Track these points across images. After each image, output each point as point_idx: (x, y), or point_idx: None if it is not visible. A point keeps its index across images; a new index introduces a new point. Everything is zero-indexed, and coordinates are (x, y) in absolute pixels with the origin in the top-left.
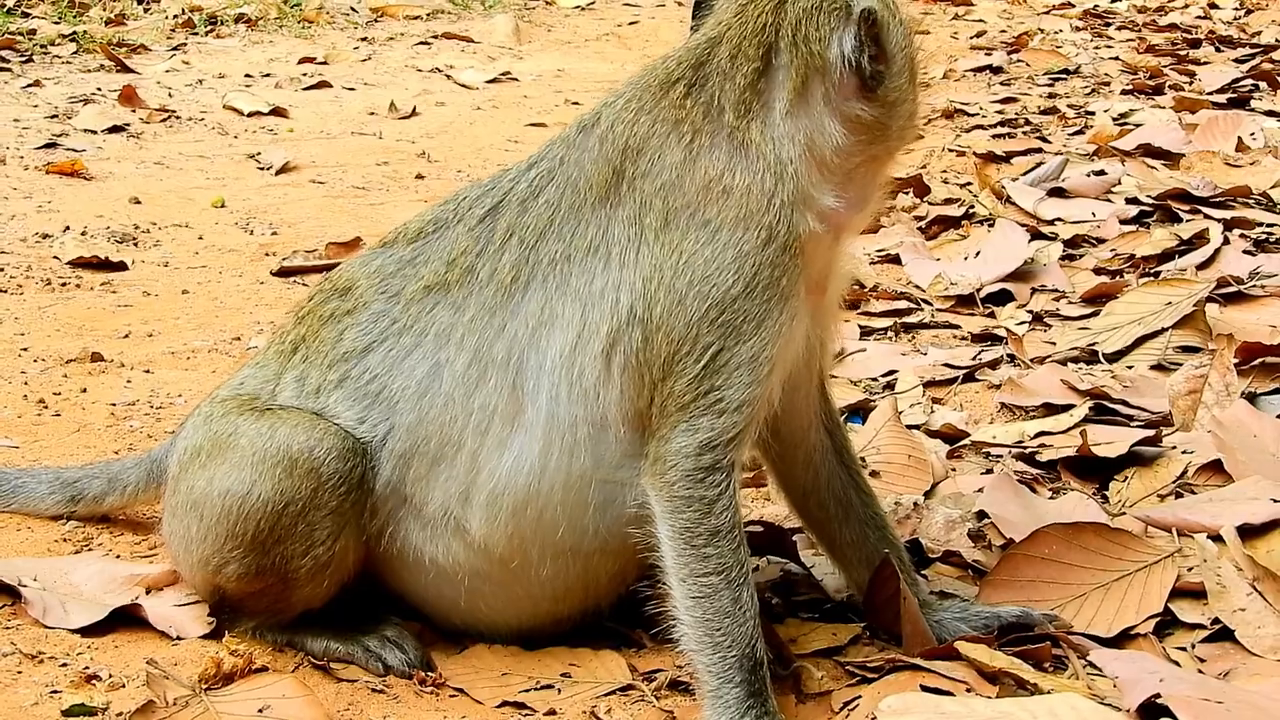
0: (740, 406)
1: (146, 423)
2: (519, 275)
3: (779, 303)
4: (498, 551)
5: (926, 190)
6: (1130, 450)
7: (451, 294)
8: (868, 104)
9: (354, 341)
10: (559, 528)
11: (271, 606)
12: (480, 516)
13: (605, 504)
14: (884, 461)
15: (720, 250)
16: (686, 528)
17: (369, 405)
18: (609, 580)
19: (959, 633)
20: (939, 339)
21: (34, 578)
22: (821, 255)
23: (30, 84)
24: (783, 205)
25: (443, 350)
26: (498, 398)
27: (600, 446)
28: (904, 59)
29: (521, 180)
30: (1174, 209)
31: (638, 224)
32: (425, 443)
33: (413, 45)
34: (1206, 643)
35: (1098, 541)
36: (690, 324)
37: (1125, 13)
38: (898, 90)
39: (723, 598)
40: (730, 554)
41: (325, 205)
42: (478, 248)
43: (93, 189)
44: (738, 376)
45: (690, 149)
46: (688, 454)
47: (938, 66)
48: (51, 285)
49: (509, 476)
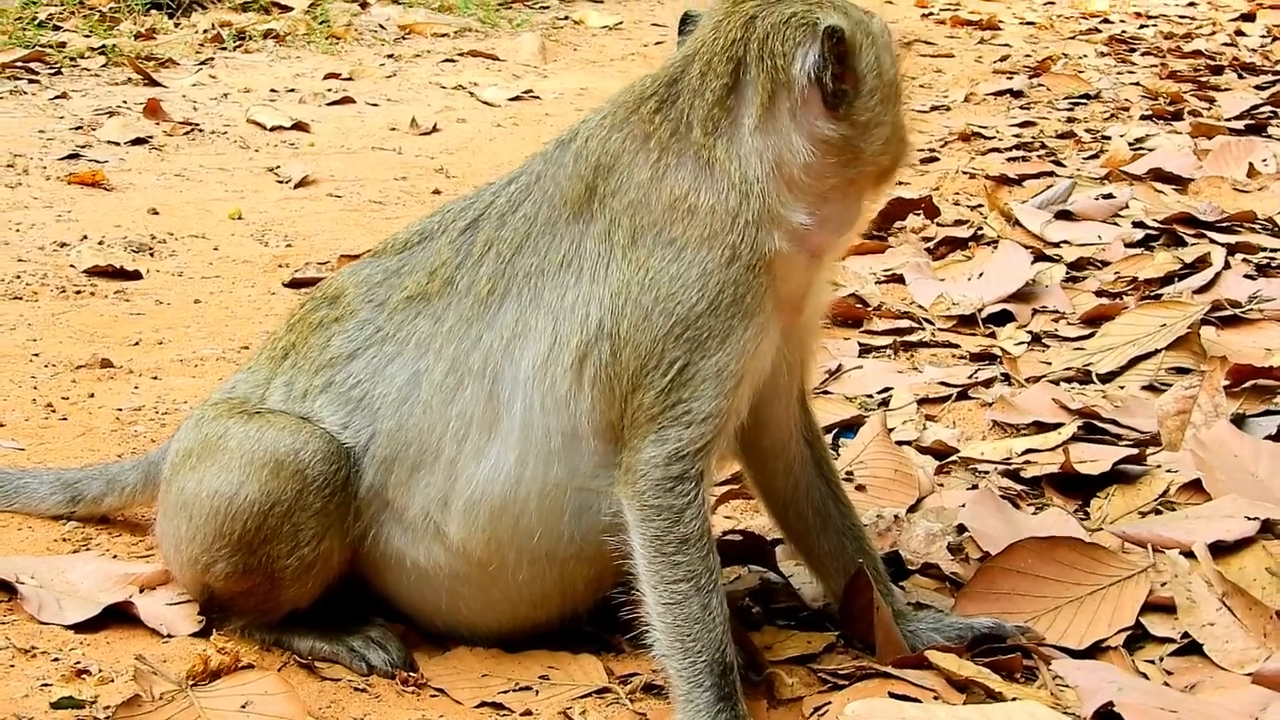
0: (707, 418)
1: (151, 428)
2: (495, 288)
3: (744, 320)
4: (476, 556)
5: (936, 212)
6: (1114, 468)
7: (432, 304)
8: (835, 123)
9: (340, 348)
10: (535, 534)
11: (259, 606)
12: (459, 522)
13: (580, 511)
14: (870, 476)
15: (685, 269)
16: (656, 536)
17: (352, 410)
18: (585, 586)
19: (932, 642)
20: (937, 358)
21: (31, 575)
22: (795, 275)
23: (57, 96)
24: (747, 225)
25: (422, 359)
26: (474, 407)
27: (575, 456)
28: (877, 81)
29: (501, 195)
30: (1179, 233)
31: (608, 240)
32: (405, 448)
33: (438, 63)
34: (1175, 656)
35: (1072, 556)
36: (656, 339)
37: (1151, 38)
38: (869, 111)
39: (692, 604)
40: (699, 561)
41: (341, 219)
42: (457, 259)
43: (112, 199)
44: (704, 389)
45: (657, 167)
46: (657, 464)
47: (959, 90)
48: (66, 293)
49: (486, 484)
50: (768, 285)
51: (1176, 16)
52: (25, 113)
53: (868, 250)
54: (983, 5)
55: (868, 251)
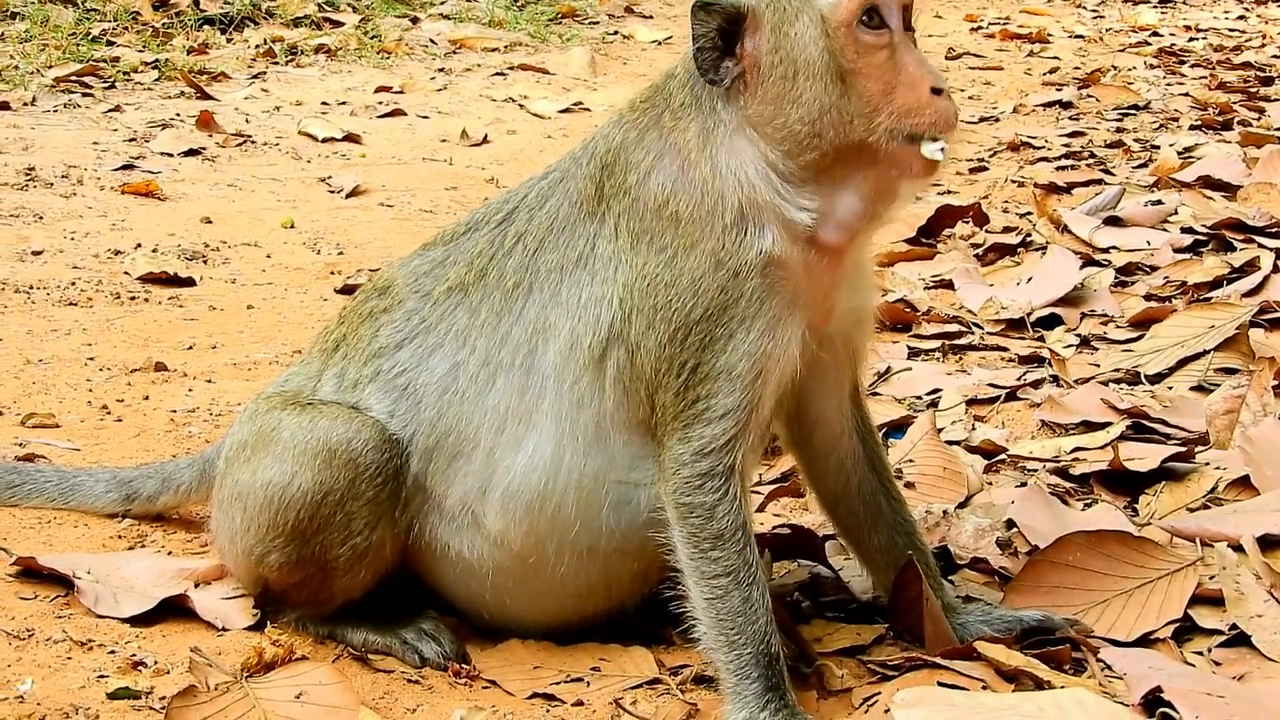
0: (726, 414)
1: (205, 429)
2: (520, 281)
3: (744, 323)
4: (515, 547)
5: (985, 219)
6: (1162, 465)
7: (469, 296)
8: (752, 106)
9: (388, 338)
10: (574, 526)
11: (313, 597)
12: (497, 512)
13: (620, 504)
14: (919, 473)
15: (677, 276)
16: (692, 533)
17: (397, 399)
18: (631, 580)
19: (981, 634)
20: (986, 360)
21: (88, 570)
22: (804, 274)
23: (111, 109)
24: (726, 229)
25: (460, 350)
26: (509, 399)
27: (610, 449)
28: (774, 57)
29: (534, 189)
30: (1228, 238)
31: (614, 241)
32: (445, 437)
33: (489, 76)
34: (1224, 647)
35: (1121, 549)
36: (662, 344)
37: (1201, 51)
38: (778, 88)
39: (733, 598)
40: (736, 556)
41: (392, 227)
42: (491, 251)
43: (166, 209)
44: (719, 386)
45: (644, 169)
46: (685, 461)
47: (1008, 101)
48: (121, 299)
49: (524, 475)
50: (767, 286)
51: (1226, 29)
52: (80, 125)
53: (917, 256)
54: (1032, 19)
55: (917, 258)
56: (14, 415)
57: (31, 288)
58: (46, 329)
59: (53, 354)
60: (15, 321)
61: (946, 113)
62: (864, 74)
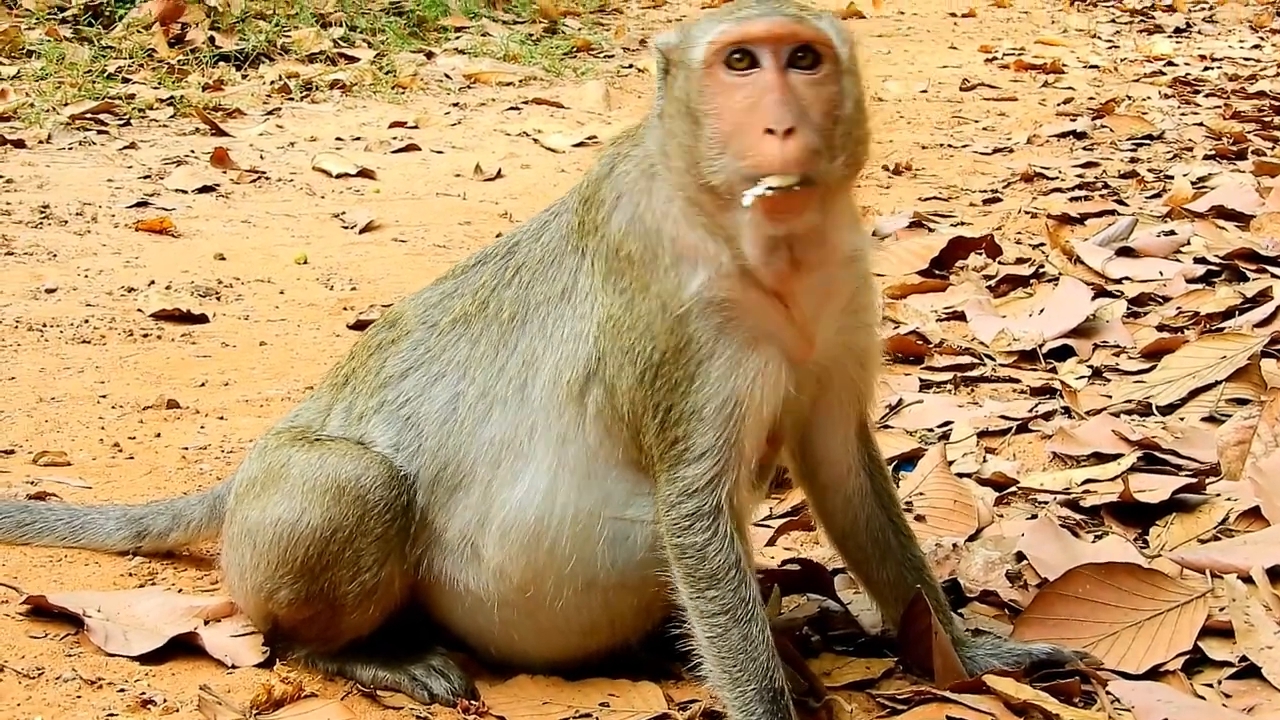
0: (705, 454)
1: (217, 466)
2: (515, 314)
3: (703, 363)
4: (514, 580)
5: (998, 250)
6: (1173, 497)
7: (471, 327)
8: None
9: (394, 368)
10: (570, 560)
11: (322, 634)
12: (495, 544)
13: (616, 540)
14: (930, 506)
15: (635, 319)
16: (688, 573)
17: (401, 429)
18: (634, 615)
19: (990, 667)
20: (998, 392)
21: (98, 608)
22: (760, 312)
23: (126, 146)
24: (666, 271)
25: (461, 381)
26: (505, 431)
27: (605, 485)
28: (671, 98)
29: (537, 221)
30: (1240, 268)
31: (591, 277)
32: (445, 469)
33: (503, 110)
34: (1234, 680)
35: (1131, 581)
36: (633, 386)
37: (1215, 80)
38: (668, 127)
39: (732, 636)
40: (731, 594)
41: (406, 263)
42: (494, 283)
43: (179, 246)
44: (695, 425)
45: (609, 207)
46: (673, 502)
47: (1021, 132)
48: (133, 336)
49: (519, 508)
50: (715, 327)
51: (1241, 59)
52: (94, 162)
53: (929, 288)
54: (1047, 50)
55: (929, 290)
56: (26, 453)
57: (45, 325)
58: (59, 366)
59: (65, 392)
60: (28, 359)
61: (772, 153)
62: (715, 114)
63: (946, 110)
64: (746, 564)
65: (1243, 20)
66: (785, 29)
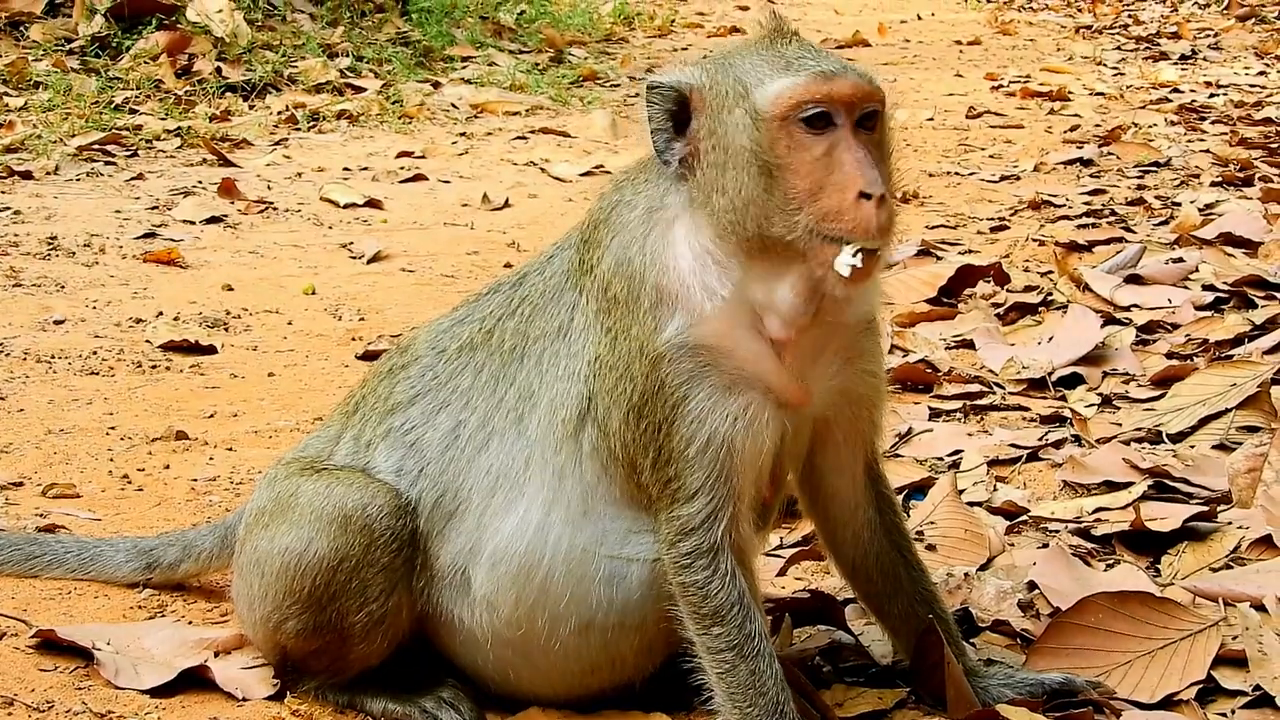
0: (697, 493)
1: (226, 497)
2: (515, 346)
3: (677, 408)
4: (505, 614)
5: (1006, 278)
6: (1185, 525)
7: (476, 356)
8: (691, 186)
9: (402, 394)
10: (563, 598)
11: (331, 665)
12: (485, 574)
13: (612, 579)
14: (940, 535)
15: (618, 359)
16: (692, 611)
17: (404, 455)
18: (635, 655)
19: (1003, 698)
20: (1007, 421)
21: (108, 641)
22: (748, 359)
23: (133, 177)
24: (645, 314)
25: (463, 410)
26: (502, 462)
27: (601, 523)
28: (713, 144)
29: (547, 252)
30: (1249, 295)
31: (586, 316)
32: (443, 495)
33: (510, 140)
34: (1247, 709)
35: (1144, 610)
36: (621, 427)
37: (1221, 106)
38: (710, 174)
39: (740, 671)
40: (736, 630)
41: (414, 293)
42: (500, 312)
43: (187, 277)
44: (684, 466)
45: (603, 248)
46: (672, 542)
47: (1028, 160)
48: (142, 367)
49: (510, 540)
50: (692, 372)
51: (1246, 85)
52: (102, 194)
53: (938, 316)
54: (1053, 77)
55: (938, 318)
56: (35, 485)
57: (53, 357)
58: (68, 398)
59: (74, 424)
60: (37, 391)
61: (868, 219)
62: (792, 170)
63: (953, 138)
64: (751, 599)
65: (1247, 47)
66: (863, 91)
